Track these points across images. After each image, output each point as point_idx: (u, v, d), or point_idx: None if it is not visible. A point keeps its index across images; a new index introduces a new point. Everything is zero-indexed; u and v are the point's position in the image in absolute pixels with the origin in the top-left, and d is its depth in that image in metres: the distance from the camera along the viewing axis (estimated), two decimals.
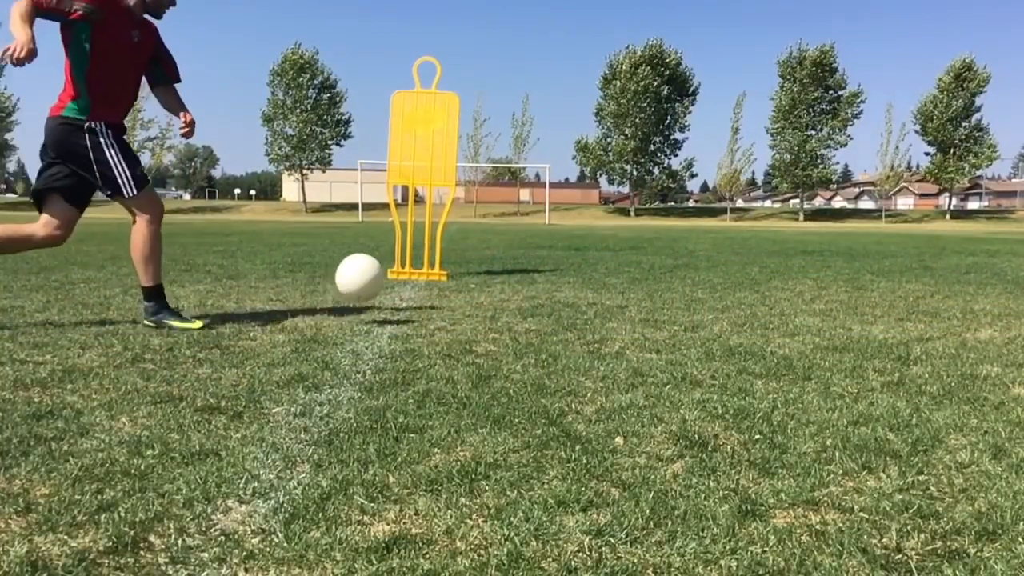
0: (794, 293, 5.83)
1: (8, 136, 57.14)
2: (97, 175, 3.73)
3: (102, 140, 3.72)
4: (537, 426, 2.25)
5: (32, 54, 3.33)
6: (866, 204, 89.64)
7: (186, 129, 4.10)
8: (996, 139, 55.36)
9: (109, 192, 3.77)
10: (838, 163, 61.01)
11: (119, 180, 3.75)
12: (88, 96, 3.70)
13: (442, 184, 6.91)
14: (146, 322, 3.87)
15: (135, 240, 3.86)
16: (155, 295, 3.88)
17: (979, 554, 1.48)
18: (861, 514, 1.65)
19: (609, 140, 58.33)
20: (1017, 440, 2.17)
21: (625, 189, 64.33)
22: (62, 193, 3.78)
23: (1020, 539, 1.53)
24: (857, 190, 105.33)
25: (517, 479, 1.82)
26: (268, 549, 1.46)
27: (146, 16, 3.93)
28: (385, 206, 48.77)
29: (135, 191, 3.79)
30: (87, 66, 3.67)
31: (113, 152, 3.73)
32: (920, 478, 1.87)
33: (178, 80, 4.16)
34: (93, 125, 3.70)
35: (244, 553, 1.45)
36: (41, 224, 3.80)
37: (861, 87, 56.18)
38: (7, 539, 1.48)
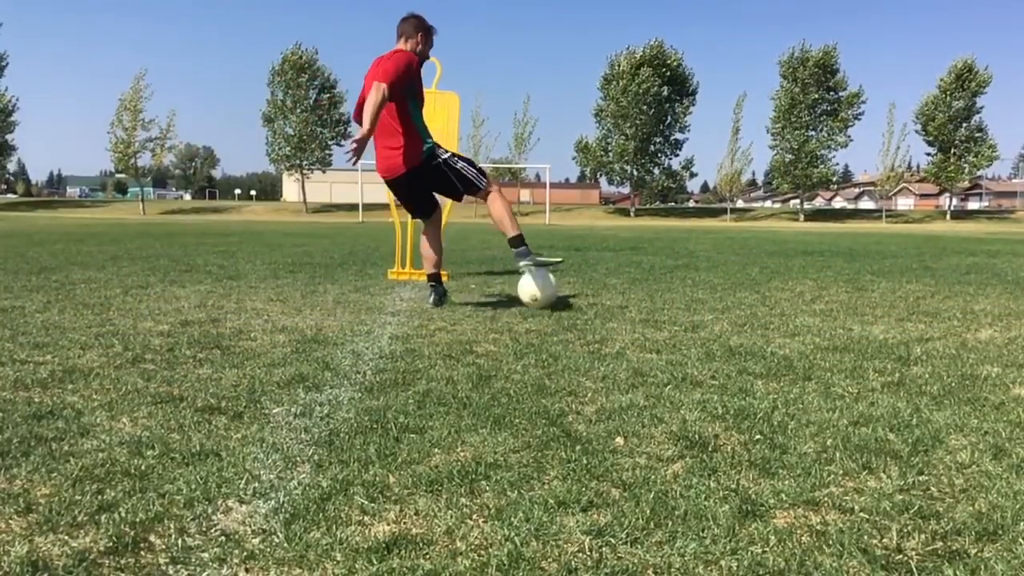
0: (794, 293, 5.83)
1: (9, 137, 57.08)
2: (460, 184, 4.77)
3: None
4: (537, 426, 2.25)
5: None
6: (866, 204, 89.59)
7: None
8: (996, 139, 55.40)
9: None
10: (838, 163, 60.91)
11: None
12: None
13: None
14: (522, 264, 4.69)
15: (492, 208, 4.79)
16: (518, 242, 4.73)
17: (979, 554, 1.48)
18: (861, 514, 1.65)
19: (609, 140, 58.29)
20: (1017, 440, 2.17)
21: (625, 189, 64.30)
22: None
23: (1020, 539, 1.53)
24: (857, 190, 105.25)
25: (517, 479, 1.82)
26: (268, 549, 1.46)
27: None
28: (385, 206, 48.68)
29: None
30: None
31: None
32: (920, 478, 1.87)
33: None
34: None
35: (244, 553, 1.45)
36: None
37: (861, 88, 56.18)
38: (8, 539, 1.48)
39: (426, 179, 4.78)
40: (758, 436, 2.18)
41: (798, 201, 62.39)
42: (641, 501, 1.69)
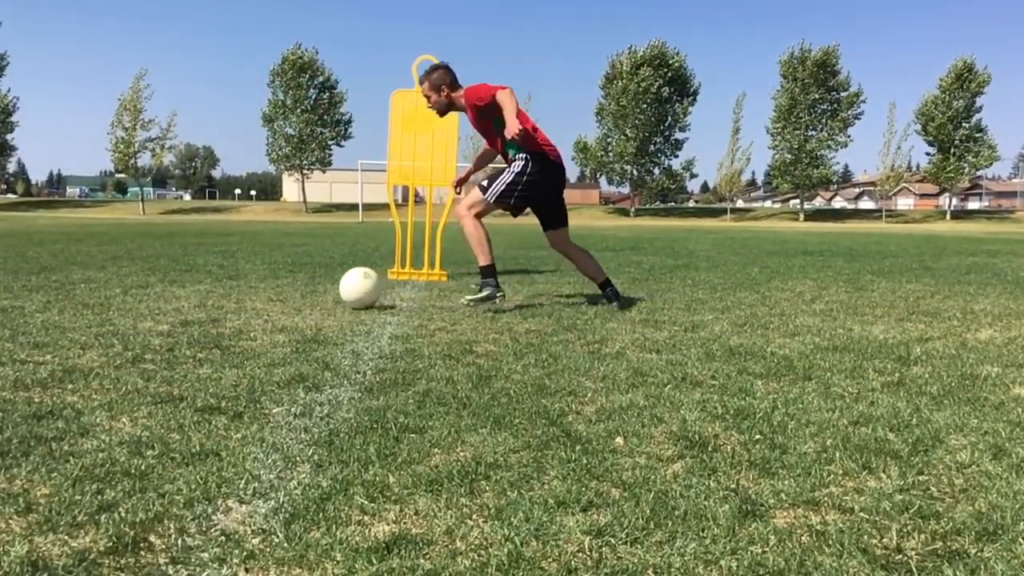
0: (794, 293, 5.83)
1: (9, 137, 57.06)
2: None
3: None
4: (537, 426, 2.25)
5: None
6: (866, 204, 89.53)
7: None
8: (995, 139, 55.40)
9: None
10: (838, 163, 60.90)
11: None
12: None
13: (442, 184, 6.91)
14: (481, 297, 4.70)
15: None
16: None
17: (979, 554, 1.48)
18: (861, 514, 1.65)
19: (609, 140, 58.29)
20: (1017, 440, 2.17)
21: (625, 189, 64.31)
22: None
23: (1020, 539, 1.53)
24: (857, 190, 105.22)
25: (517, 479, 1.82)
26: (268, 549, 1.46)
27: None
28: (385, 206, 48.70)
29: None
30: None
31: None
32: (920, 478, 1.87)
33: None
34: None
35: (244, 553, 1.45)
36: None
37: (861, 87, 56.18)
38: (7, 539, 1.48)
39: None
40: (758, 436, 2.18)
41: (798, 201, 62.37)
42: (641, 501, 1.69)
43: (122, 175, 71.80)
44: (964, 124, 54.70)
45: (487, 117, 4.78)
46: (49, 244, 11.30)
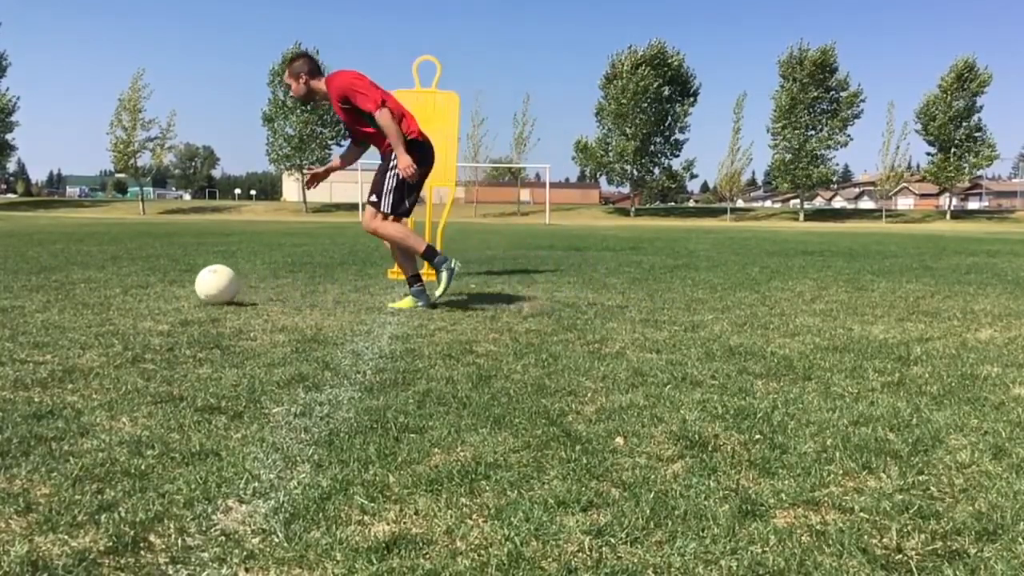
0: (794, 293, 5.83)
1: (9, 136, 57.04)
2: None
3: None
4: (537, 426, 2.25)
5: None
6: (866, 204, 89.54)
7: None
8: (995, 139, 55.41)
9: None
10: (838, 163, 60.91)
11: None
12: None
13: (442, 184, 6.91)
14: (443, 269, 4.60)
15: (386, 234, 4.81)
16: (432, 253, 4.69)
17: (979, 554, 1.48)
18: (861, 514, 1.65)
19: (609, 140, 58.29)
20: (1017, 440, 2.17)
21: (625, 189, 64.33)
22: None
23: (1020, 539, 1.53)
24: (857, 190, 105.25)
25: (517, 479, 1.82)
26: (268, 549, 1.46)
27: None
28: None
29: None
30: None
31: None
32: (920, 478, 1.87)
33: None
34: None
35: (244, 553, 1.45)
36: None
37: (860, 87, 56.18)
38: (7, 539, 1.48)
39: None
40: (758, 436, 2.18)
41: (798, 201, 62.37)
42: (641, 501, 1.69)
43: (122, 175, 71.83)
44: (964, 124, 54.70)
45: (352, 110, 4.71)
46: (49, 244, 11.30)
